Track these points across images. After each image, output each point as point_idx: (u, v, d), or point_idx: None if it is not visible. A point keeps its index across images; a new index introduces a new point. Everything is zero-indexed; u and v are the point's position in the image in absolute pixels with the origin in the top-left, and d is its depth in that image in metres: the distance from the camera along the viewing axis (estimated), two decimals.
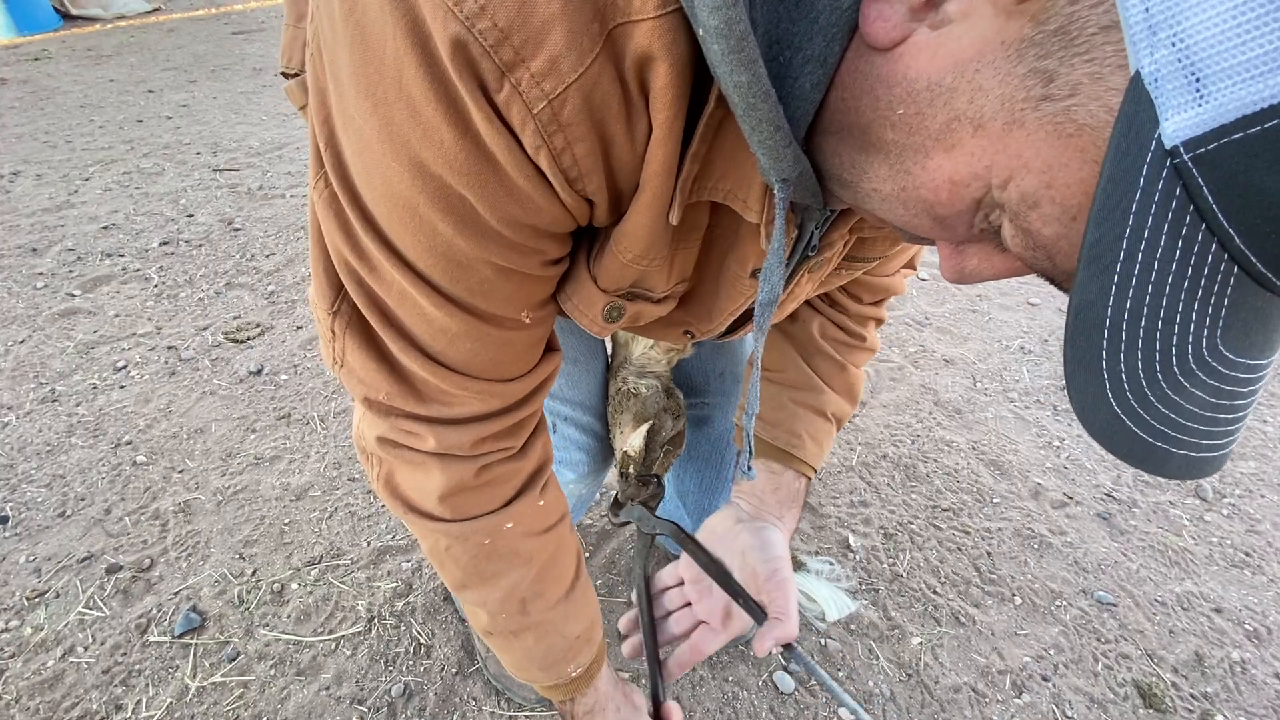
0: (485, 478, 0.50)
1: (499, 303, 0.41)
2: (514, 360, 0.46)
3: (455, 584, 0.56)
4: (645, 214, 0.37)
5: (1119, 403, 0.27)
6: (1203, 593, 1.34)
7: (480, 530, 0.51)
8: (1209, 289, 0.24)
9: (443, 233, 0.36)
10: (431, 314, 0.40)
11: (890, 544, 1.42)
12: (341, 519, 1.42)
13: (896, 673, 1.20)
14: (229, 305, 2.08)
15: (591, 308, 0.45)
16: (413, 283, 0.39)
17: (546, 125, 0.31)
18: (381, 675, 1.16)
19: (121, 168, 2.92)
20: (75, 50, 4.63)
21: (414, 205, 0.35)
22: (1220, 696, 1.18)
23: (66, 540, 1.36)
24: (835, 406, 0.75)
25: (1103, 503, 1.53)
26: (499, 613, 0.56)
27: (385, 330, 0.42)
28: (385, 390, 0.45)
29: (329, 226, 0.40)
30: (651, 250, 0.40)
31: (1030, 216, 0.27)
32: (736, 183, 0.37)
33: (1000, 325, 2.12)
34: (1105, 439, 0.29)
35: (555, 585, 0.57)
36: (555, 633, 0.58)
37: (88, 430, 1.61)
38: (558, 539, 0.57)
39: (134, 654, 1.18)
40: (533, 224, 0.36)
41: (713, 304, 0.51)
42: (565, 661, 0.59)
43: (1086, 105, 0.24)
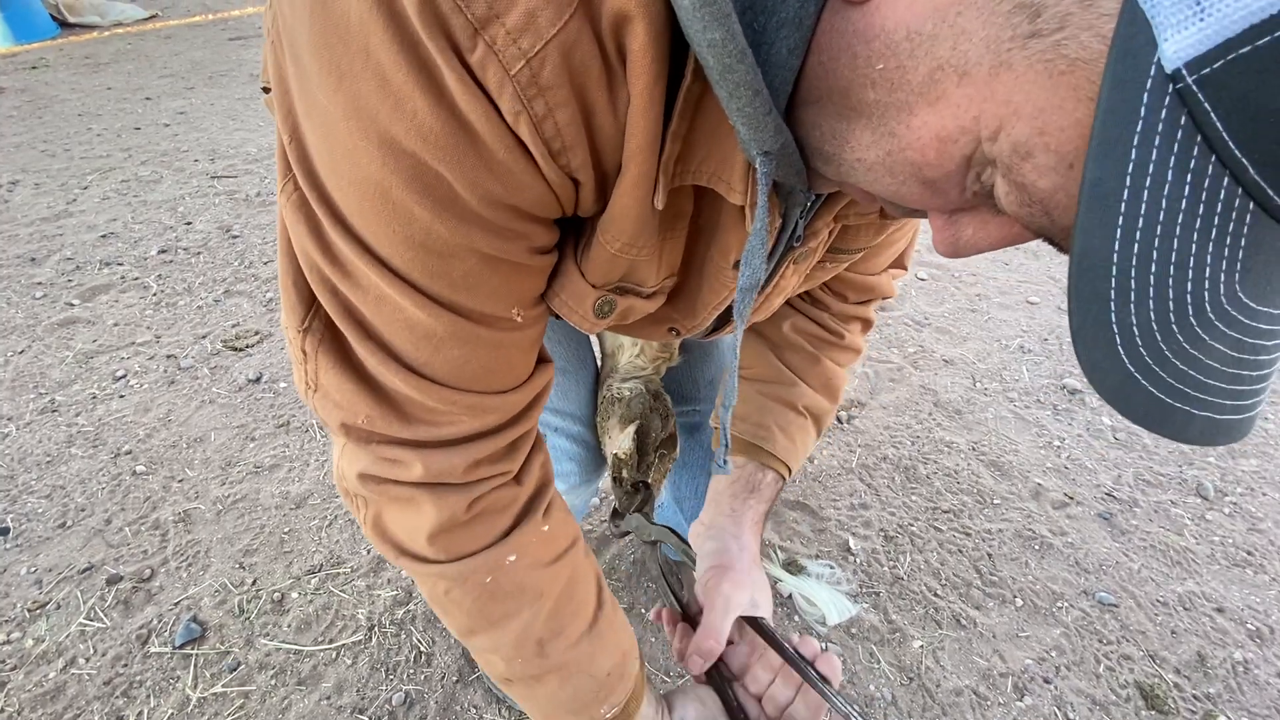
0: (478, 509, 0.46)
1: (486, 298, 0.38)
2: (506, 368, 0.43)
3: (462, 631, 0.51)
4: (630, 196, 0.34)
5: (1132, 360, 0.25)
6: (1205, 593, 1.34)
7: (480, 568, 0.46)
8: (1223, 229, 0.22)
9: (419, 219, 0.33)
10: (414, 317, 0.37)
11: (890, 546, 1.42)
12: (341, 527, 1.42)
13: (898, 676, 1.19)
14: (228, 313, 2.08)
15: (581, 303, 0.43)
16: (391, 283, 0.35)
17: (526, 88, 0.28)
18: (382, 684, 1.16)
19: (120, 176, 2.93)
20: (73, 58, 4.64)
21: (386, 189, 0.32)
22: (1223, 697, 1.17)
23: (67, 551, 1.36)
24: (809, 400, 0.71)
25: (1104, 503, 1.52)
26: (514, 658, 0.50)
27: (363, 344, 0.38)
28: (365, 413, 0.41)
29: (297, 231, 0.37)
30: (639, 239, 0.38)
31: (1024, 169, 0.25)
32: (719, 163, 0.35)
33: (1000, 325, 2.12)
34: (1120, 401, 0.26)
35: (575, 620, 0.51)
36: (582, 673, 0.51)
37: (87, 440, 1.61)
38: (571, 567, 0.51)
39: (135, 665, 1.18)
40: (515, 204, 0.34)
41: (696, 298, 0.49)
42: (597, 703, 0.52)
43: (1078, 37, 0.22)
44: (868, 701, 1.16)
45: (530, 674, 0.51)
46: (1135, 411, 0.26)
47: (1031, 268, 2.41)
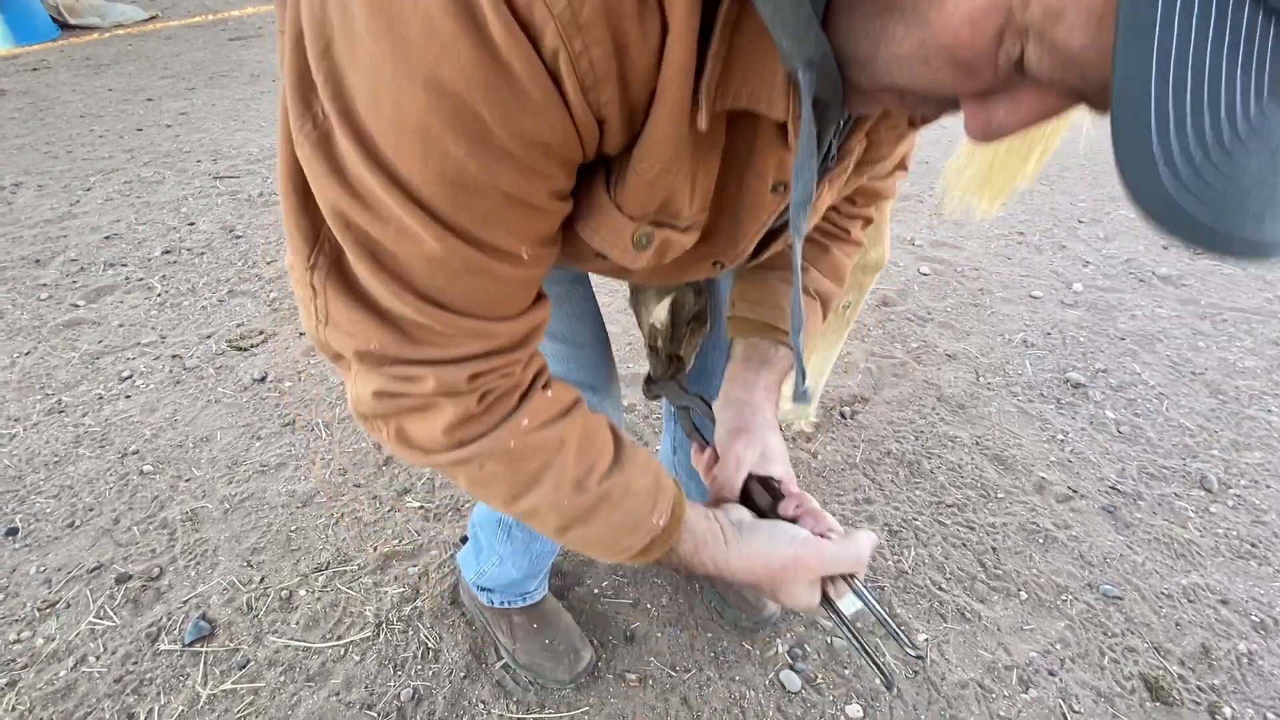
0: (487, 402, 0.50)
1: (502, 234, 0.41)
2: (508, 300, 0.46)
3: (508, 499, 0.54)
4: (666, 121, 0.36)
5: (1174, 184, 0.26)
6: (1209, 585, 1.34)
7: (501, 439, 0.50)
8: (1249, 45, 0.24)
9: (454, 155, 0.35)
10: (431, 249, 0.39)
11: (895, 541, 1.42)
12: (348, 525, 1.43)
13: (903, 670, 1.20)
14: (232, 313, 2.09)
15: (620, 237, 0.45)
16: (415, 215, 0.38)
17: (567, 26, 0.31)
18: (390, 680, 1.17)
19: (122, 177, 2.93)
20: (74, 60, 4.65)
21: (427, 128, 0.34)
22: (1227, 688, 1.18)
23: (76, 550, 1.37)
24: (819, 284, 0.76)
25: (1107, 496, 1.53)
26: (560, 504, 0.54)
27: (378, 274, 0.41)
28: (378, 339, 0.44)
29: (317, 169, 0.39)
30: (675, 164, 0.40)
31: (1056, 31, 0.27)
32: (759, 83, 0.37)
33: (1003, 319, 2.12)
34: (1166, 224, 0.27)
35: (601, 456, 0.56)
36: (625, 493, 0.56)
37: (94, 440, 1.62)
38: (583, 418, 0.56)
39: (145, 663, 1.19)
40: (544, 142, 0.36)
41: (735, 228, 0.51)
42: (649, 515, 0.57)
43: None
44: (873, 695, 1.16)
45: (579, 513, 0.55)
46: (1181, 232, 0.27)
47: (1034, 262, 2.41)
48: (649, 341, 0.86)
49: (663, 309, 0.83)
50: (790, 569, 0.58)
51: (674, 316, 0.84)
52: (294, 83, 0.38)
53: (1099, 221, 2.68)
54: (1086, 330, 2.06)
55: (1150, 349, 1.98)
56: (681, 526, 0.59)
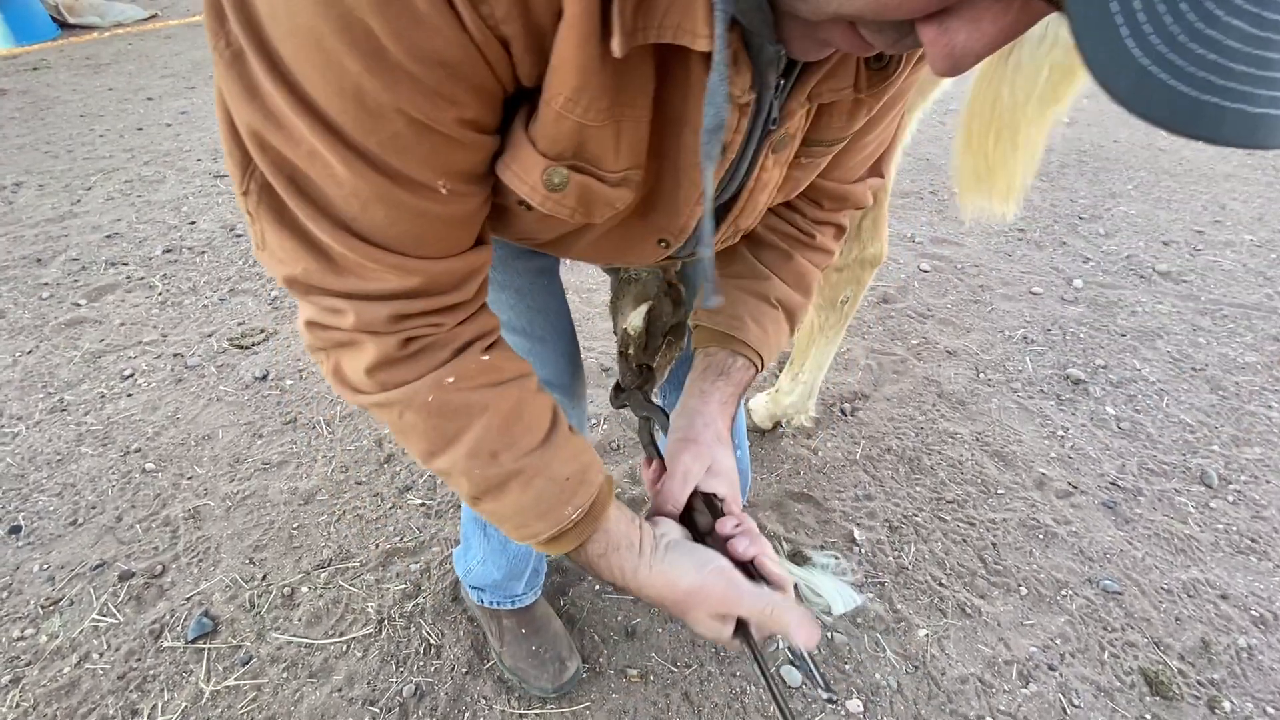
0: (412, 348, 0.49)
1: (413, 164, 0.39)
2: (434, 238, 0.45)
3: (424, 454, 0.54)
4: (569, 38, 0.34)
5: (1143, 50, 0.22)
6: (1209, 579, 1.35)
7: (421, 390, 0.50)
8: None
9: (350, 70, 0.34)
10: (341, 174, 0.39)
11: (895, 537, 1.43)
12: (349, 522, 1.44)
13: (903, 665, 1.20)
14: (233, 311, 2.09)
15: (530, 173, 0.43)
16: (321, 137, 0.37)
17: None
18: (393, 676, 1.17)
19: (123, 176, 2.94)
20: (74, 59, 4.65)
21: (319, 36, 0.33)
22: (1227, 683, 1.18)
23: (79, 548, 1.38)
24: (780, 293, 0.73)
25: (1107, 491, 1.53)
26: (471, 469, 0.53)
27: (294, 198, 0.41)
28: (303, 266, 0.44)
29: (232, 90, 0.38)
30: (585, 94, 0.37)
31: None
32: (682, 13, 0.35)
33: (1003, 315, 2.12)
34: (1138, 101, 0.23)
35: (527, 435, 0.54)
36: (540, 477, 0.54)
37: (97, 439, 1.63)
38: (519, 392, 0.54)
39: (148, 659, 1.19)
40: (444, 61, 0.34)
41: (675, 193, 0.50)
42: (560, 505, 0.55)
43: None
44: (874, 690, 1.17)
45: (491, 484, 0.54)
46: (1159, 110, 0.23)
47: (1035, 258, 2.41)
48: (621, 348, 0.84)
49: (638, 315, 0.81)
50: (696, 596, 0.56)
51: (649, 326, 0.82)
52: (209, 3, 0.37)
53: (1099, 218, 2.68)
54: (1087, 326, 2.06)
55: (1150, 345, 1.98)
56: (596, 525, 0.57)
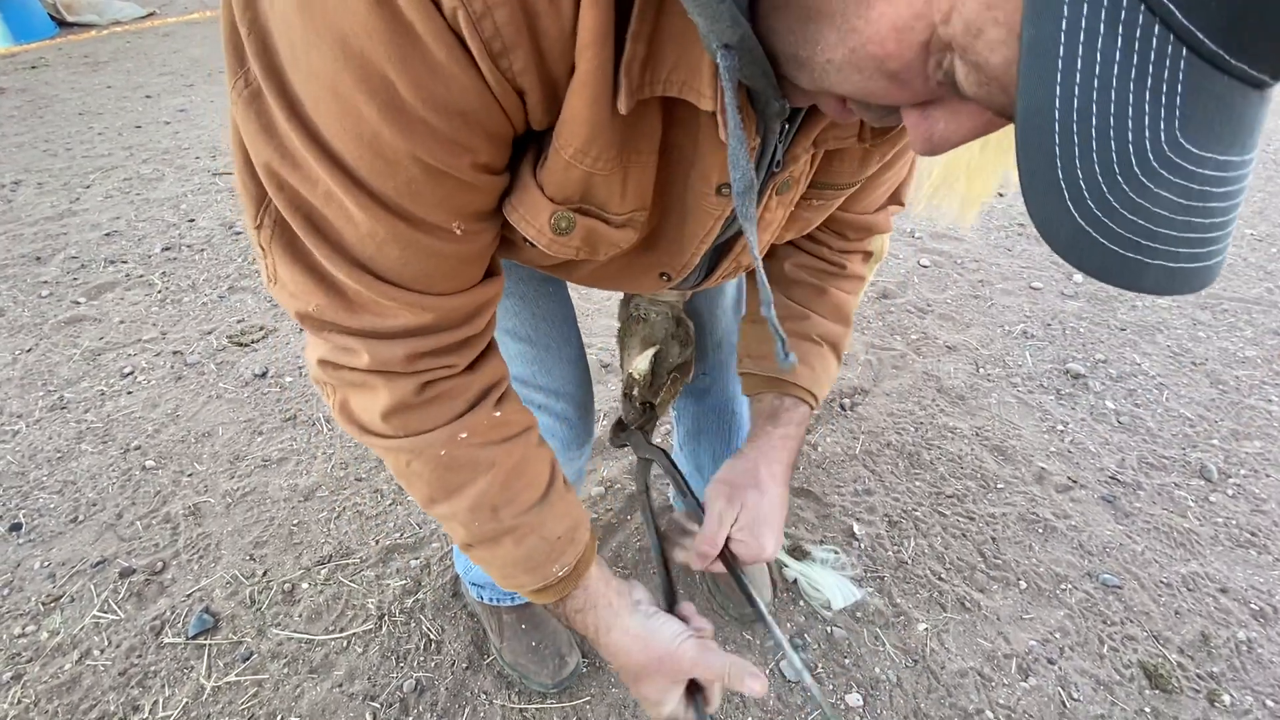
0: (429, 394, 0.49)
1: (428, 207, 0.40)
2: (446, 274, 0.45)
3: (425, 500, 0.55)
4: (582, 95, 0.35)
5: (1081, 213, 0.26)
6: (1208, 573, 1.35)
7: (434, 443, 0.51)
8: (1158, 75, 0.23)
9: (368, 118, 0.35)
10: (357, 216, 0.39)
11: (895, 531, 1.43)
12: (349, 518, 1.44)
13: (903, 659, 1.20)
14: (232, 309, 2.09)
15: (537, 217, 0.44)
16: (339, 179, 0.37)
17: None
18: (393, 671, 1.17)
19: (122, 174, 2.93)
20: (72, 58, 4.64)
21: (336, 85, 0.34)
22: (1227, 676, 1.18)
23: (79, 545, 1.38)
24: (822, 329, 0.74)
25: (1107, 486, 1.53)
26: (471, 522, 0.55)
27: (311, 236, 0.41)
28: (316, 302, 0.44)
29: (250, 128, 0.38)
30: (593, 146, 0.38)
31: (977, 46, 0.26)
32: (689, 71, 0.36)
33: (1002, 310, 2.12)
34: (1073, 254, 0.27)
35: (527, 491, 0.56)
36: (534, 534, 0.57)
37: (97, 436, 1.63)
38: (524, 448, 0.56)
39: (149, 656, 1.19)
40: (460, 109, 0.35)
41: (681, 232, 0.50)
42: (549, 562, 0.58)
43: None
44: (873, 684, 1.17)
45: (487, 536, 0.56)
46: (1090, 263, 0.26)
47: (1034, 253, 2.41)
48: (625, 389, 0.85)
49: (644, 360, 0.82)
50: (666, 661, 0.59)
51: (655, 367, 0.83)
52: (226, 40, 0.37)
53: None
54: (1086, 321, 2.06)
55: (1150, 339, 1.98)
56: (579, 583, 0.60)
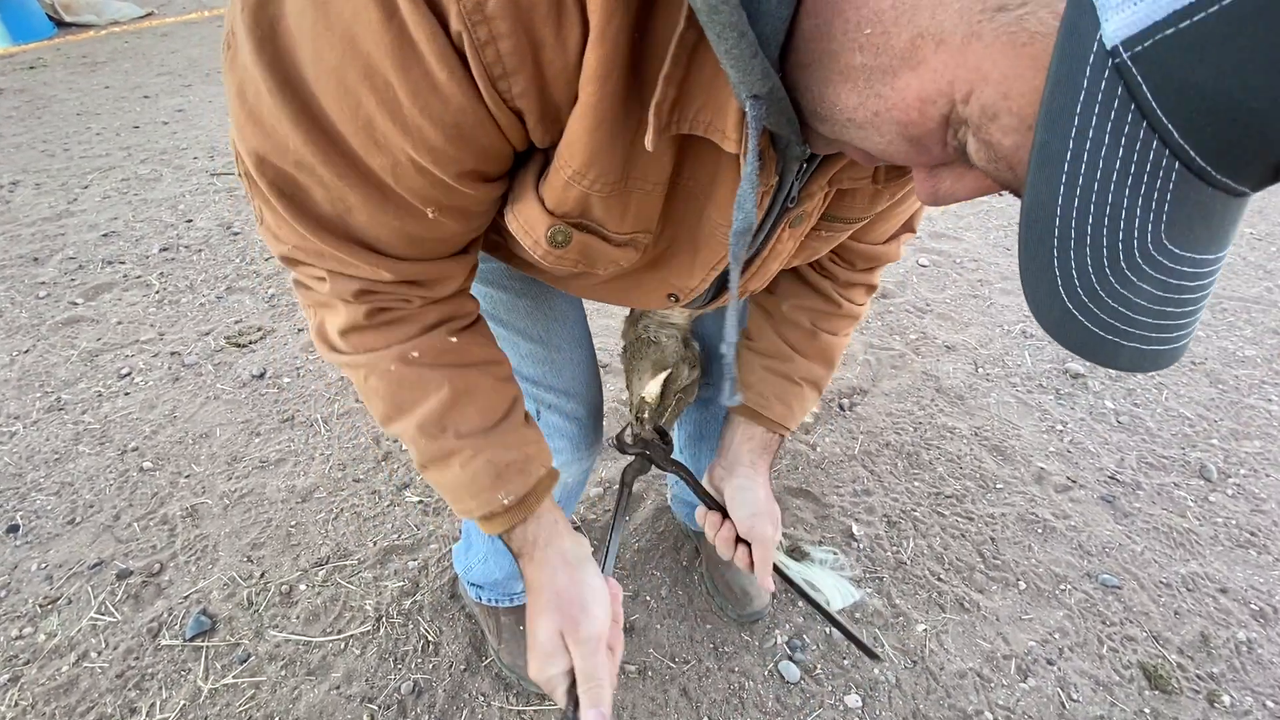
0: (378, 320, 0.52)
1: (406, 191, 0.41)
2: (411, 247, 0.47)
3: (382, 417, 0.57)
4: (582, 122, 0.37)
5: (1070, 298, 0.29)
6: (1208, 573, 1.34)
7: (385, 358, 0.53)
8: (1151, 184, 0.26)
9: (365, 106, 0.36)
10: (329, 180, 0.40)
11: (894, 532, 1.43)
12: (347, 520, 1.43)
13: (902, 659, 1.20)
14: (230, 310, 2.09)
15: (535, 228, 0.46)
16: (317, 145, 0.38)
17: (471, 13, 0.31)
18: (391, 673, 1.17)
19: (120, 175, 2.93)
20: (70, 58, 4.64)
21: (343, 75, 0.35)
22: (1226, 677, 1.18)
23: (77, 547, 1.37)
24: (805, 371, 0.81)
25: (1106, 486, 1.53)
26: (419, 438, 0.56)
27: (279, 199, 0.43)
28: (292, 244, 0.47)
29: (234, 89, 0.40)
30: (593, 169, 0.40)
31: (991, 129, 0.29)
32: (715, 113, 0.37)
33: (1001, 310, 2.11)
34: (1058, 332, 0.30)
35: (478, 416, 0.57)
36: (481, 457, 0.57)
37: (94, 438, 1.63)
38: (480, 377, 0.57)
39: (146, 658, 1.19)
40: (455, 123, 0.36)
41: (693, 258, 0.52)
42: (495, 488, 0.58)
43: (1037, 13, 0.25)
44: (872, 685, 1.17)
45: (436, 455, 0.57)
46: (1071, 342, 0.30)
47: None
48: (635, 413, 0.86)
49: (656, 384, 0.83)
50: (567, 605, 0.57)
51: (665, 389, 0.85)
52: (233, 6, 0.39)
53: None
54: None
55: None
56: (527, 514, 0.60)
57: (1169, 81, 0.23)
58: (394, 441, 1.62)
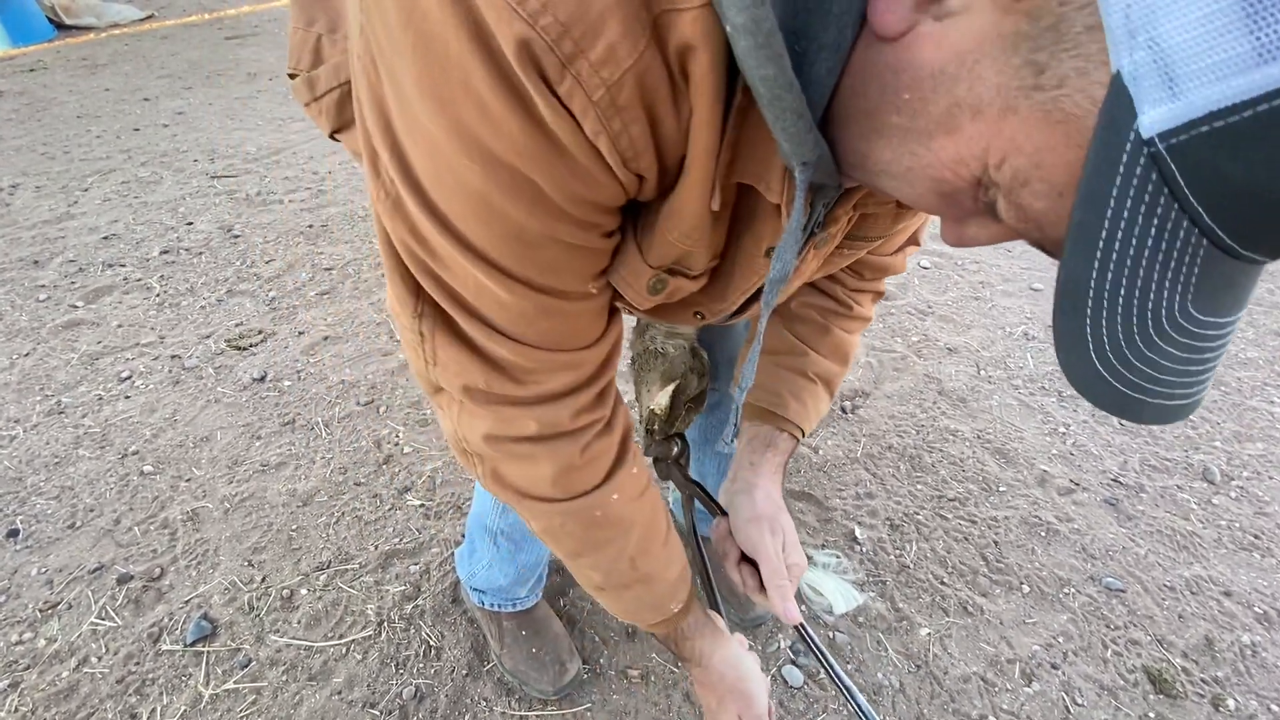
0: (588, 455, 0.55)
1: (567, 278, 0.44)
2: (587, 328, 0.50)
3: (570, 554, 0.61)
4: (691, 195, 0.40)
5: (1101, 362, 0.31)
6: (1212, 576, 1.34)
7: (592, 505, 0.56)
8: (1181, 260, 0.27)
9: (514, 217, 0.38)
10: (506, 300, 0.43)
11: (896, 535, 1.42)
12: (348, 524, 1.43)
13: (905, 664, 1.20)
14: (231, 313, 2.08)
15: (638, 280, 0.49)
16: (487, 272, 0.41)
17: (605, 110, 0.33)
18: (392, 678, 1.17)
19: (120, 177, 2.93)
20: (70, 60, 4.64)
21: (487, 197, 0.37)
22: (1231, 680, 1.17)
23: (77, 551, 1.37)
24: (818, 367, 0.79)
25: (1109, 488, 1.52)
26: (612, 572, 0.62)
27: (468, 322, 0.45)
28: (483, 378, 0.48)
29: (398, 231, 0.42)
30: (695, 231, 0.43)
31: (1022, 193, 0.30)
32: (761, 166, 0.40)
33: (1003, 312, 2.11)
34: (1088, 392, 0.32)
35: (655, 539, 0.63)
36: (660, 579, 0.64)
37: (94, 441, 1.62)
38: (652, 499, 0.63)
39: (147, 663, 1.19)
40: (593, 200, 0.39)
41: (728, 284, 0.54)
42: (670, 600, 0.66)
43: (1073, 96, 0.27)
44: (876, 689, 1.16)
45: (623, 583, 0.63)
46: (1101, 401, 0.32)
47: (1035, 254, 2.40)
48: (646, 425, 0.87)
49: (665, 395, 0.83)
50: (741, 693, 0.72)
51: (674, 400, 0.84)
52: (364, 148, 0.41)
53: None
54: None
55: None
56: (688, 615, 0.69)
57: (1201, 171, 0.24)
58: (395, 444, 1.62)
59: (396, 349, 1.93)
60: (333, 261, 2.33)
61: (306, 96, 0.68)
